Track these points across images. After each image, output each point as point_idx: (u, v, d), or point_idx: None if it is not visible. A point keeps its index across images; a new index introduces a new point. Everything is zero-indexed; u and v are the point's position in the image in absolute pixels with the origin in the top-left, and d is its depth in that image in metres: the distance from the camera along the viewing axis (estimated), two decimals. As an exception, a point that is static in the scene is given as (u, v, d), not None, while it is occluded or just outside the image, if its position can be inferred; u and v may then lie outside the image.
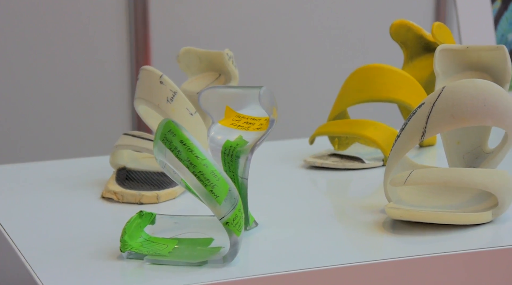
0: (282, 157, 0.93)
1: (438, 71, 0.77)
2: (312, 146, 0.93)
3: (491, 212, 0.68)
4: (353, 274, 0.62)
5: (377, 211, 0.74)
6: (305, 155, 0.92)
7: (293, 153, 0.94)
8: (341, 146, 0.93)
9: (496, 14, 1.37)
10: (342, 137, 0.92)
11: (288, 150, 0.96)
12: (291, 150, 0.95)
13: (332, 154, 0.91)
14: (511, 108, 0.69)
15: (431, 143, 0.96)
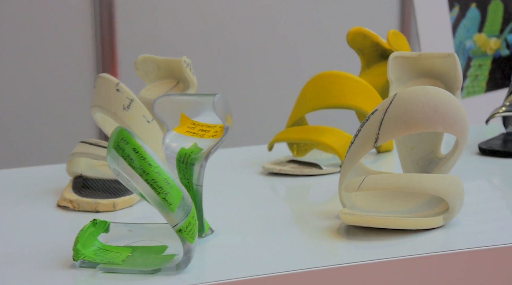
0: (241, 163, 0.94)
1: (391, 78, 0.78)
2: (271, 153, 0.94)
3: (442, 216, 0.69)
4: (307, 279, 0.63)
5: (333, 216, 0.74)
6: (264, 161, 0.92)
7: (252, 159, 0.94)
8: (300, 152, 0.94)
9: (454, 22, 1.39)
10: (301, 144, 0.93)
11: (247, 157, 0.96)
12: (250, 157, 0.96)
13: (291, 160, 0.92)
14: (461, 115, 0.71)
15: (388, 149, 0.97)
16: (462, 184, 0.71)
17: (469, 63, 1.40)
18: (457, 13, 1.38)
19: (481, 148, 0.95)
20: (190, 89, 0.88)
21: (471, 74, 1.41)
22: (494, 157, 0.94)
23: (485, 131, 1.07)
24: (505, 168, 0.91)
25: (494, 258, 0.66)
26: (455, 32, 1.39)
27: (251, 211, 0.78)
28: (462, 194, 0.70)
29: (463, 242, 0.68)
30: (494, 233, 0.70)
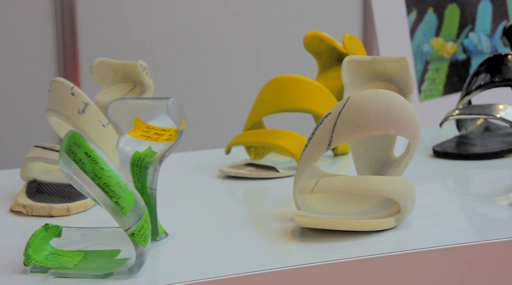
0: (198, 167, 0.94)
1: (346, 82, 0.79)
2: (228, 156, 0.94)
3: (394, 218, 0.70)
4: (261, 281, 0.63)
5: (288, 219, 0.75)
6: (221, 164, 0.93)
7: (210, 163, 0.95)
8: (257, 155, 0.94)
9: (411, 26, 1.41)
10: (258, 147, 0.94)
11: (205, 160, 0.96)
12: (207, 160, 0.96)
13: (248, 163, 0.93)
14: (413, 118, 0.72)
15: (345, 152, 0.98)
16: (413, 186, 0.72)
17: (427, 67, 1.43)
18: (415, 17, 1.40)
19: (435, 150, 0.97)
20: (147, 93, 0.88)
21: (429, 77, 1.43)
22: (448, 159, 0.96)
23: (441, 134, 1.09)
24: (458, 170, 0.93)
25: (444, 258, 0.67)
26: (413, 36, 1.41)
27: (207, 214, 0.79)
28: (413, 195, 0.71)
29: (414, 242, 0.69)
30: (445, 234, 0.72)
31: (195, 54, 1.74)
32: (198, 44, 1.74)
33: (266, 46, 1.79)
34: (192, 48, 1.74)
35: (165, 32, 1.71)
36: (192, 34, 1.73)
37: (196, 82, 1.74)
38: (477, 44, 1.44)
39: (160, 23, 1.71)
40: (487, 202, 0.80)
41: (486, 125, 1.03)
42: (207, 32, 1.74)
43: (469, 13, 1.44)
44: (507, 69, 0.96)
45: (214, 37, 1.75)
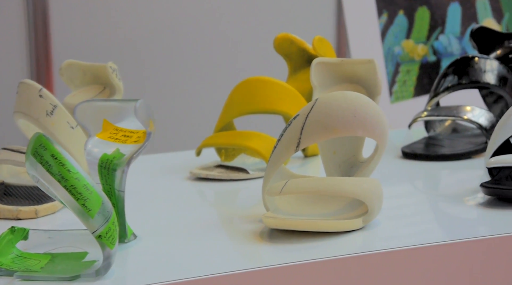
0: (168, 168, 0.94)
1: (315, 84, 0.80)
2: (199, 158, 0.95)
3: (362, 219, 0.71)
4: (229, 282, 0.63)
5: (258, 220, 0.75)
6: (191, 166, 0.93)
7: (180, 164, 0.95)
8: (228, 157, 0.94)
9: (382, 28, 1.43)
10: (229, 149, 0.94)
11: (175, 162, 0.96)
12: (177, 162, 0.96)
13: (219, 165, 0.93)
14: (380, 119, 0.72)
15: (315, 153, 0.99)
16: (380, 187, 0.72)
17: (398, 69, 1.44)
18: (386, 20, 1.42)
19: (404, 151, 0.98)
20: (117, 94, 0.88)
21: (400, 79, 1.44)
22: (417, 160, 0.97)
23: (411, 135, 1.10)
24: (426, 171, 0.94)
25: (412, 258, 0.68)
26: (384, 38, 1.42)
27: (177, 215, 0.79)
28: (381, 196, 0.72)
29: (382, 243, 0.70)
30: (413, 234, 0.72)
31: (165, 56, 1.74)
32: (168, 46, 1.73)
33: (237, 47, 1.79)
34: (162, 49, 1.73)
35: (136, 34, 1.71)
36: (162, 36, 1.72)
37: (167, 84, 1.74)
38: (447, 46, 1.46)
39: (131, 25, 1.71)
40: (455, 202, 0.81)
41: (454, 126, 1.05)
42: (177, 33, 1.74)
43: (439, 15, 1.45)
44: (473, 71, 0.97)
45: (184, 39, 1.74)
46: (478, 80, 0.97)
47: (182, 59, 1.75)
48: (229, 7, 1.79)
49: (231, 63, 1.78)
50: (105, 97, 0.88)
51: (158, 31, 1.72)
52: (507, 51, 1.03)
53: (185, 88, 1.75)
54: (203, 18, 1.76)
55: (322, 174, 0.83)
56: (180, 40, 1.74)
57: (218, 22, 1.78)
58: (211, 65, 1.75)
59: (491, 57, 0.98)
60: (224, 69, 1.76)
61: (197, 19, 1.76)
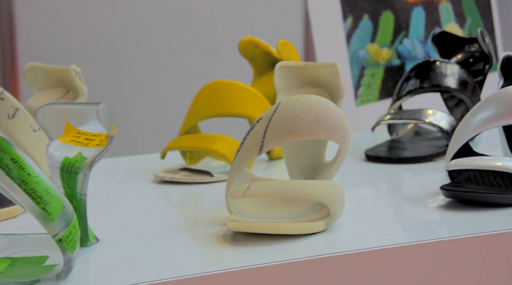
0: (132, 172, 0.94)
1: (278, 87, 0.80)
2: (163, 161, 0.94)
3: (324, 221, 0.72)
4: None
5: (221, 223, 0.76)
6: (156, 169, 0.93)
7: (144, 168, 0.94)
8: (193, 160, 0.94)
9: (347, 32, 1.44)
10: (193, 152, 0.94)
11: (139, 165, 0.96)
12: (142, 165, 0.96)
13: (183, 168, 0.93)
14: (342, 123, 0.73)
15: (280, 156, 0.99)
16: (342, 190, 0.73)
17: (363, 72, 1.45)
18: (351, 23, 1.43)
19: (367, 154, 0.99)
20: (80, 98, 0.87)
21: (365, 83, 1.46)
22: (380, 163, 0.98)
23: (376, 138, 1.11)
24: (389, 173, 0.95)
25: (374, 260, 0.69)
26: (349, 42, 1.44)
27: (140, 219, 0.79)
28: (343, 199, 0.73)
29: (344, 245, 0.70)
30: (375, 237, 0.73)
31: (129, 59, 1.73)
32: (133, 49, 1.73)
33: (202, 50, 1.79)
34: (127, 52, 1.73)
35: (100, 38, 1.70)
36: (127, 39, 1.72)
37: (131, 87, 1.73)
38: (411, 50, 1.48)
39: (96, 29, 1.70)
40: (417, 204, 0.82)
41: (416, 129, 1.06)
42: (142, 36, 1.74)
43: (403, 19, 1.47)
44: (435, 75, 0.98)
45: (149, 42, 1.74)
46: (439, 84, 0.98)
47: (147, 62, 1.75)
48: (194, 10, 1.79)
49: (196, 66, 1.78)
50: (69, 101, 0.87)
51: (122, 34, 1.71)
52: (468, 55, 1.04)
53: (149, 91, 1.74)
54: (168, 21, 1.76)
55: (287, 176, 0.84)
56: (144, 43, 1.74)
57: (183, 25, 1.77)
58: (175, 68, 1.75)
59: (452, 62, 1.00)
60: (189, 72, 1.76)
61: (162, 22, 1.76)
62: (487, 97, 0.79)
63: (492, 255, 0.72)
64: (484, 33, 1.02)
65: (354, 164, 0.98)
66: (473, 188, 0.79)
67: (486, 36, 1.02)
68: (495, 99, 0.78)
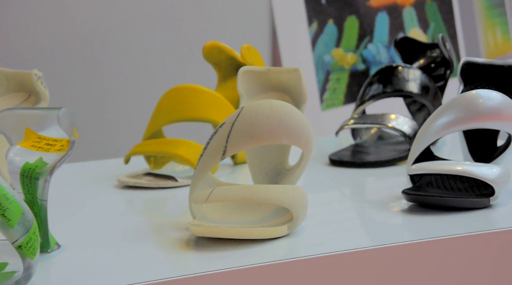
0: (96, 177, 0.93)
1: (241, 92, 0.80)
2: (127, 166, 0.94)
3: (287, 226, 0.72)
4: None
5: (185, 228, 0.75)
6: (120, 174, 0.92)
7: (108, 173, 0.94)
8: (157, 164, 0.94)
9: (313, 37, 1.45)
10: (158, 157, 0.94)
11: (103, 170, 0.95)
12: (105, 170, 0.95)
13: (147, 173, 0.92)
14: (305, 127, 0.74)
15: (244, 160, 0.99)
16: (305, 194, 0.73)
17: (328, 77, 1.46)
18: (316, 28, 1.44)
19: (331, 158, 0.99)
20: (42, 102, 0.86)
21: (330, 87, 1.47)
22: (343, 167, 0.98)
23: (340, 143, 1.11)
24: (353, 177, 0.96)
25: (337, 264, 0.69)
26: (314, 47, 1.44)
27: (103, 224, 0.78)
28: (305, 203, 0.73)
29: (307, 250, 0.70)
30: (338, 241, 0.73)
31: (93, 63, 1.72)
32: (96, 53, 1.72)
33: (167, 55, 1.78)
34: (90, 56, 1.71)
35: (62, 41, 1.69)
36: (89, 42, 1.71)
37: (94, 91, 1.72)
38: (376, 55, 1.49)
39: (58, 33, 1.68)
40: (380, 208, 0.83)
41: (380, 134, 1.07)
42: (104, 40, 1.73)
43: (367, 24, 1.48)
44: (397, 80, 0.99)
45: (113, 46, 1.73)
46: (402, 89, 0.99)
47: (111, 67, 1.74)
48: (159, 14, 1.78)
49: (160, 71, 1.77)
50: (30, 105, 0.86)
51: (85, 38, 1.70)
52: (430, 61, 1.05)
53: (113, 95, 1.73)
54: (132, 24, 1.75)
55: (251, 181, 0.84)
56: (108, 46, 1.73)
57: (147, 29, 1.77)
58: (139, 72, 1.74)
59: (414, 67, 1.01)
60: (153, 77, 1.75)
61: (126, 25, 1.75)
62: (447, 102, 0.80)
63: (453, 258, 0.73)
64: (445, 39, 1.04)
65: (318, 168, 0.98)
66: (434, 192, 0.79)
67: (447, 42, 1.04)
68: (455, 104, 0.79)
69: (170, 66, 1.78)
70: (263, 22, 1.88)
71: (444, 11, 1.56)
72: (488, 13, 1.66)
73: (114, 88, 1.74)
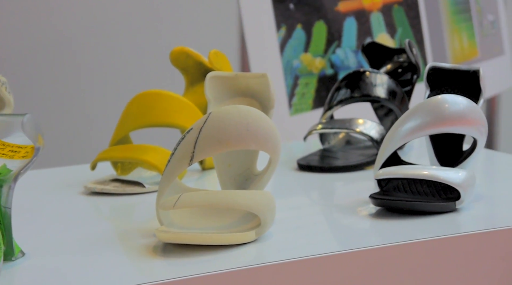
0: (62, 183, 0.92)
1: (209, 97, 0.80)
2: (94, 172, 0.93)
3: (255, 231, 0.72)
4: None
5: (152, 234, 0.75)
6: (87, 181, 0.91)
7: (74, 179, 0.93)
8: (124, 170, 0.93)
9: (281, 42, 1.45)
10: (125, 162, 0.93)
11: (69, 177, 0.94)
12: (72, 177, 0.94)
13: (114, 179, 0.92)
14: (273, 133, 0.74)
15: (213, 166, 0.99)
16: (273, 199, 0.73)
17: (297, 82, 1.47)
18: (284, 33, 1.44)
19: (300, 163, 0.99)
20: (6, 108, 0.85)
21: (299, 92, 1.47)
22: (312, 172, 0.98)
23: (309, 147, 1.12)
24: (321, 182, 0.96)
25: (305, 269, 0.69)
26: (282, 51, 1.45)
27: (69, 231, 0.77)
28: (273, 208, 0.73)
29: (274, 255, 0.70)
30: (306, 245, 0.73)
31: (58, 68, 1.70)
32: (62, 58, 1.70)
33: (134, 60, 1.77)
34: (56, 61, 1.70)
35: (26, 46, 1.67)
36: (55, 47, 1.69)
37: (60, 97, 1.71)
38: (344, 59, 1.50)
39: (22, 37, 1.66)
40: (348, 213, 0.83)
41: (348, 138, 1.07)
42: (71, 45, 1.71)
43: (335, 29, 1.49)
44: (365, 85, 1.00)
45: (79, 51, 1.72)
46: (369, 94, 1.00)
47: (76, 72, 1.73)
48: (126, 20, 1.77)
49: (127, 76, 1.76)
50: (-5, 111, 0.85)
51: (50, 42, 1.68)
52: (397, 66, 1.06)
53: (79, 100, 1.72)
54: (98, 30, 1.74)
55: (219, 187, 0.84)
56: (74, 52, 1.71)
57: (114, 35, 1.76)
58: (106, 77, 1.73)
59: (381, 72, 1.02)
60: (120, 82, 1.74)
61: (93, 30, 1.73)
62: (414, 107, 0.80)
63: (419, 262, 0.73)
64: (411, 44, 1.05)
65: (287, 173, 0.99)
66: (401, 196, 0.80)
67: (413, 47, 1.05)
68: (422, 109, 0.80)
69: (137, 71, 1.78)
70: (232, 27, 1.88)
71: (411, 16, 1.57)
72: (454, 18, 1.68)
73: (80, 93, 1.73)
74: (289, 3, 1.43)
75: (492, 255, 0.75)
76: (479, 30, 1.75)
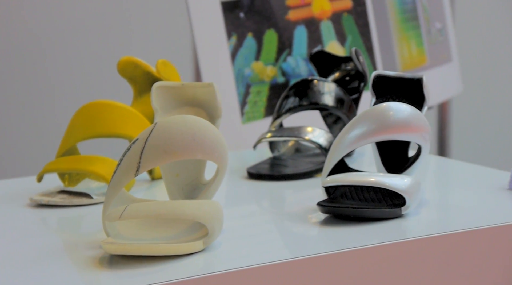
0: (5, 196, 0.90)
1: (156, 107, 0.80)
2: (40, 184, 0.92)
3: (203, 241, 0.72)
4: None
5: (98, 246, 0.74)
6: (33, 193, 0.90)
7: (19, 191, 0.91)
8: (72, 182, 0.92)
9: (232, 50, 1.45)
10: (72, 174, 0.92)
11: (14, 189, 0.93)
12: (16, 189, 0.93)
13: (61, 190, 0.90)
14: (219, 142, 0.73)
15: (162, 176, 0.99)
16: (221, 209, 0.73)
17: (248, 90, 1.47)
18: (235, 42, 1.44)
19: (249, 172, 1.00)
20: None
21: (250, 100, 1.47)
22: (262, 180, 0.99)
23: (259, 156, 1.12)
24: (271, 190, 0.96)
25: (252, 278, 0.69)
26: (234, 60, 1.45)
27: (15, 245, 0.76)
28: (221, 218, 0.73)
29: (221, 264, 0.70)
30: (255, 254, 0.73)
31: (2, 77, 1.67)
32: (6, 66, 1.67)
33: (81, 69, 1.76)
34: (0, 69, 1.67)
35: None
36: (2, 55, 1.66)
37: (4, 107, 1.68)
38: (295, 67, 1.51)
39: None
40: (298, 220, 0.83)
41: (297, 146, 1.08)
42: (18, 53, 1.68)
43: (286, 38, 1.50)
44: (313, 94, 1.01)
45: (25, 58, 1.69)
46: (317, 102, 1.00)
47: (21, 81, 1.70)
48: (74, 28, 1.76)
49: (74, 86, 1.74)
50: None
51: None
52: (344, 74, 1.07)
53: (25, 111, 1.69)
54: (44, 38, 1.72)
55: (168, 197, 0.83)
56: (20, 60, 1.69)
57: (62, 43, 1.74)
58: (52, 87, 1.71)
59: (329, 80, 1.03)
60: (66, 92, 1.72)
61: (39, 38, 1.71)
62: (359, 115, 0.81)
63: (367, 267, 0.74)
64: (358, 52, 1.06)
65: (237, 182, 0.99)
66: (348, 203, 0.81)
67: (360, 55, 1.06)
68: (367, 116, 0.80)
69: (84, 81, 1.76)
70: (186, 37, 1.88)
71: (360, 24, 1.59)
72: (403, 26, 1.71)
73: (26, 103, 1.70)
74: (240, 12, 1.43)
75: (437, 260, 0.76)
76: (427, 37, 1.78)
